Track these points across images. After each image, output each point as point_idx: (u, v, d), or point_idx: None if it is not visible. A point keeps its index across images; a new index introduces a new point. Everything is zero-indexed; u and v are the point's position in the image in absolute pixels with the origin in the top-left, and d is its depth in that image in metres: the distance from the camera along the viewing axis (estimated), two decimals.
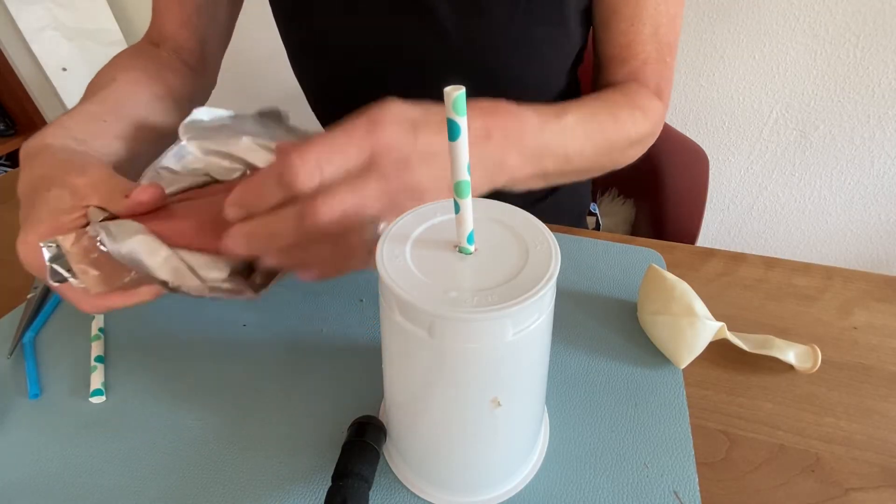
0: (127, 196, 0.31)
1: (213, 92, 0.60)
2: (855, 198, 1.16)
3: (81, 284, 0.29)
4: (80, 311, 0.33)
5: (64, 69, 1.33)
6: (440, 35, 0.48)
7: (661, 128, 0.52)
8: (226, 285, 0.31)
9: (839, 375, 0.36)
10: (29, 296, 0.44)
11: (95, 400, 0.35)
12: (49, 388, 0.36)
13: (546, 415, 0.34)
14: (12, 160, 1.52)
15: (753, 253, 0.47)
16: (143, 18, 1.42)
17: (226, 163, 0.41)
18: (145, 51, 0.52)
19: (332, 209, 0.26)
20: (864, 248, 1.24)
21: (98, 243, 0.29)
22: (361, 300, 0.43)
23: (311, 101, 0.62)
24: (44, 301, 0.44)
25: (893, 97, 1.01)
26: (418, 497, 0.30)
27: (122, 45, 1.40)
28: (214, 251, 0.32)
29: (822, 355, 0.36)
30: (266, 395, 0.35)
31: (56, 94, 1.35)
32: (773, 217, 1.25)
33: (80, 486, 0.31)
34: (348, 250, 0.29)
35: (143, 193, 0.31)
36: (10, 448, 0.33)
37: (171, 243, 0.31)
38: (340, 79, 0.55)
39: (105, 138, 0.39)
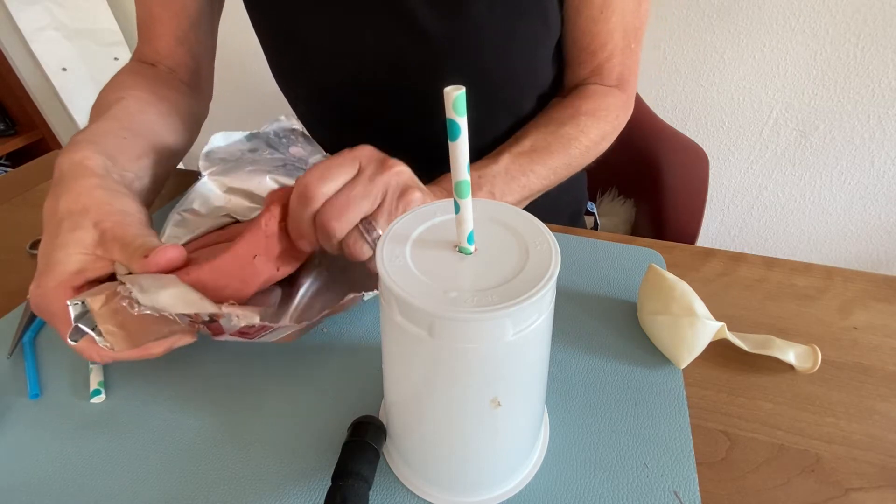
0: (146, 257, 0.31)
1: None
2: (855, 198, 1.16)
3: (106, 343, 0.29)
4: None
5: (64, 69, 1.33)
6: (420, 36, 0.47)
7: (626, 117, 0.54)
8: (263, 323, 0.32)
9: (839, 375, 0.36)
10: (29, 296, 0.44)
11: (96, 400, 0.35)
12: (49, 387, 0.36)
13: (546, 415, 0.34)
14: (12, 160, 1.52)
15: (753, 253, 0.47)
16: None
17: (246, 202, 0.44)
18: (144, 71, 0.51)
19: (334, 213, 0.32)
20: (864, 248, 1.24)
21: (130, 302, 0.29)
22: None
23: (293, 104, 0.61)
24: None
25: (893, 97, 1.01)
26: (418, 497, 0.30)
27: (123, 46, 1.40)
28: (243, 299, 0.34)
29: (822, 355, 0.36)
30: (266, 395, 0.35)
31: (56, 94, 1.35)
32: (773, 217, 1.25)
33: (80, 486, 0.31)
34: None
35: (160, 256, 0.31)
36: (9, 448, 0.33)
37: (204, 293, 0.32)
38: (321, 83, 0.54)
39: (128, 155, 0.40)
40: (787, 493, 0.29)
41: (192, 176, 0.63)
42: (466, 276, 0.22)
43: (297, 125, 0.49)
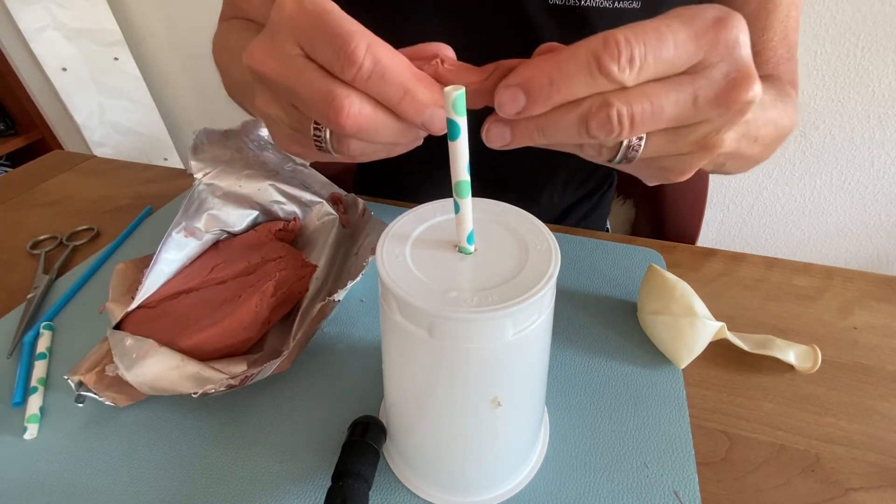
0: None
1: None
2: (855, 198, 1.16)
3: (108, 402, 0.32)
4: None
5: (64, 69, 1.33)
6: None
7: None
8: (249, 372, 0.32)
9: (839, 375, 0.36)
10: (29, 296, 0.44)
11: (28, 435, 0.33)
12: (51, 386, 0.36)
13: (546, 415, 0.34)
14: (12, 160, 1.52)
15: (753, 253, 0.47)
16: (143, 18, 1.42)
17: (241, 209, 0.44)
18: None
19: (637, 122, 0.21)
20: (864, 248, 1.24)
21: (118, 375, 0.32)
22: (361, 300, 0.43)
23: None
24: (44, 301, 0.44)
25: (893, 97, 1.01)
26: (418, 497, 0.30)
27: (123, 46, 1.40)
28: (233, 352, 0.35)
29: (822, 355, 0.36)
30: (266, 396, 0.35)
31: (56, 94, 1.35)
32: (773, 217, 1.25)
33: (80, 486, 0.30)
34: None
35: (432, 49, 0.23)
36: (10, 448, 0.33)
37: (198, 358, 0.33)
38: None
39: None
40: (787, 493, 0.29)
41: (185, 176, 0.63)
42: (466, 276, 0.22)
43: (265, 132, 0.49)
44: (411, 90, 0.21)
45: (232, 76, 0.43)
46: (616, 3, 0.41)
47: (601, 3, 0.41)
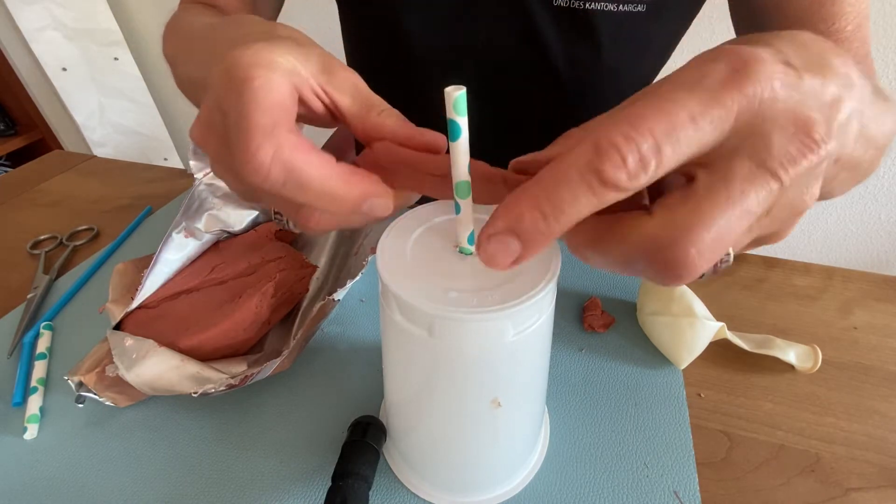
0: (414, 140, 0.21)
1: None
2: (855, 198, 1.16)
3: (108, 402, 0.33)
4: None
5: (64, 69, 1.33)
6: (543, 55, 0.45)
7: None
8: (249, 372, 0.32)
9: (839, 375, 0.36)
10: (29, 296, 0.44)
11: (28, 435, 0.33)
12: (51, 388, 0.36)
13: (546, 415, 0.34)
14: (12, 160, 1.52)
15: (753, 253, 0.47)
16: (143, 18, 1.42)
17: (240, 210, 0.44)
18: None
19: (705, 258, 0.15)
20: (864, 248, 1.24)
21: (118, 376, 0.32)
22: (361, 300, 0.43)
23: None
24: (44, 301, 0.44)
25: (893, 97, 1.01)
26: (418, 497, 0.30)
27: (123, 46, 1.40)
28: (234, 353, 0.36)
29: (822, 355, 0.36)
30: (266, 395, 0.35)
31: (56, 94, 1.35)
32: None
33: (81, 486, 0.31)
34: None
35: (426, 136, 0.21)
36: (10, 448, 0.33)
37: (198, 357, 0.33)
38: (423, 93, 0.45)
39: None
40: (787, 493, 0.29)
41: (185, 176, 0.63)
42: (466, 276, 0.22)
43: None
44: (339, 195, 0.19)
45: (179, 71, 0.34)
46: (621, 6, 0.41)
47: (606, 6, 0.41)
